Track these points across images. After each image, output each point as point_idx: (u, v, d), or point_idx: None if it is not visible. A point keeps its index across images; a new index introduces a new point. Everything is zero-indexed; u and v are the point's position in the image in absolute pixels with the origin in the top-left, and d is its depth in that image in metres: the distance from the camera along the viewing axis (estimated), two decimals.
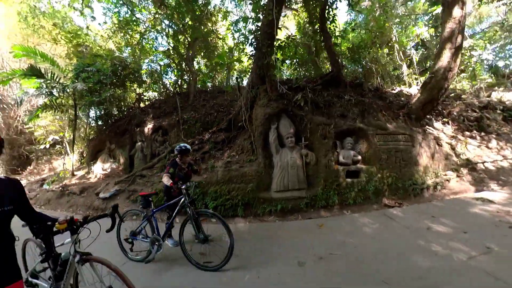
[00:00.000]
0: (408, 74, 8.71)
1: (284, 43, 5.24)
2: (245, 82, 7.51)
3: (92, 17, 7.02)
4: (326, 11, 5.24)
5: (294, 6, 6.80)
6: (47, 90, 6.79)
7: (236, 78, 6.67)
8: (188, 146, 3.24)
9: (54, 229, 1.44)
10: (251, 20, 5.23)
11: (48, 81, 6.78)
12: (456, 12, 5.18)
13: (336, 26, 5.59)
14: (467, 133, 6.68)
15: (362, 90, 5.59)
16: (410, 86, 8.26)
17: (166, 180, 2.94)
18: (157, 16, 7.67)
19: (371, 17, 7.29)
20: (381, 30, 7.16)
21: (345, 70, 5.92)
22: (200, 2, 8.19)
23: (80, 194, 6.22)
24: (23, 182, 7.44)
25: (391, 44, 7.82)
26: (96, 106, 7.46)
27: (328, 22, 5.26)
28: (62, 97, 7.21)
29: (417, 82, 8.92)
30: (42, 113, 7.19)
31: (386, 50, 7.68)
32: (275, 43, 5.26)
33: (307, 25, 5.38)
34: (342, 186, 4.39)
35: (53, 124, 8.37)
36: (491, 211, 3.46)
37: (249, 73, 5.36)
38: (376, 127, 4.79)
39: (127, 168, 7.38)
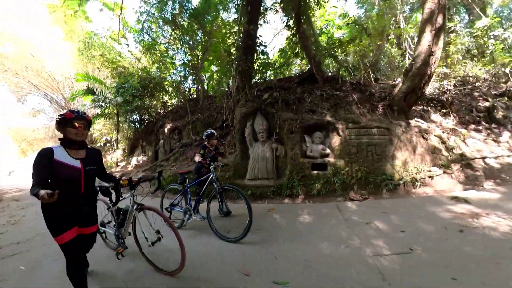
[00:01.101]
0: None
1: (261, 51, 5.60)
2: None
3: (126, 44, 8.87)
4: (301, 14, 5.31)
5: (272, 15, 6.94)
6: (98, 103, 8.92)
7: (222, 84, 7.30)
8: (213, 131, 3.57)
9: (122, 182, 1.99)
10: (234, 32, 5.78)
11: (99, 97, 8.90)
12: None
13: (311, 26, 5.57)
14: (473, 125, 5.85)
15: (338, 84, 5.39)
16: None
17: (197, 159, 3.24)
18: (173, 36, 8.98)
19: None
20: (380, 21, 6.60)
21: (330, 66, 5.76)
22: (208, 18, 9.15)
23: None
24: None
25: (395, 34, 7.08)
26: (130, 113, 9.28)
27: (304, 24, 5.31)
28: (108, 108, 9.28)
29: None
30: (96, 120, 9.42)
31: (389, 44, 6.98)
32: (256, 49, 5.70)
33: (285, 28, 5.55)
34: (307, 178, 4.47)
35: (105, 127, 10.78)
36: (456, 212, 3.05)
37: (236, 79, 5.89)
38: (348, 121, 4.65)
39: (153, 160, 8.99)
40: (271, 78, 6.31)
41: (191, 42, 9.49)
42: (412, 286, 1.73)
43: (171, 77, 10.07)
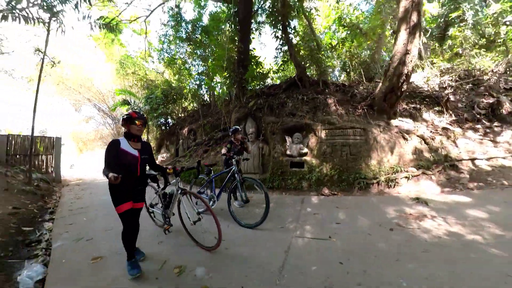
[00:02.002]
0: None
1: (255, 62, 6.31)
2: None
3: (152, 61, 10.50)
4: (288, 26, 5.77)
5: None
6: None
7: (224, 93, 8.17)
8: (238, 127, 3.85)
9: (168, 171, 2.28)
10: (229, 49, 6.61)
11: (132, 106, 10.76)
12: None
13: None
14: (471, 124, 5.59)
15: (319, 87, 5.71)
16: (423, 69, 7.08)
17: (223, 151, 3.48)
18: (188, 51, 10.24)
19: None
20: (373, 20, 6.58)
21: (317, 70, 6.05)
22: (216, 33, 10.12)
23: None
24: None
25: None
26: (156, 118, 10.96)
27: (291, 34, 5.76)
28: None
29: (426, 64, 7.47)
30: None
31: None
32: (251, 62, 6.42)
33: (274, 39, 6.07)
34: (286, 174, 5.04)
35: None
36: (406, 212, 3.10)
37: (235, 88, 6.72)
38: (324, 122, 5.05)
39: (174, 156, 10.51)
40: (265, 84, 6.92)
41: (204, 54, 10.67)
42: (302, 260, 2.02)
43: (189, 86, 11.44)
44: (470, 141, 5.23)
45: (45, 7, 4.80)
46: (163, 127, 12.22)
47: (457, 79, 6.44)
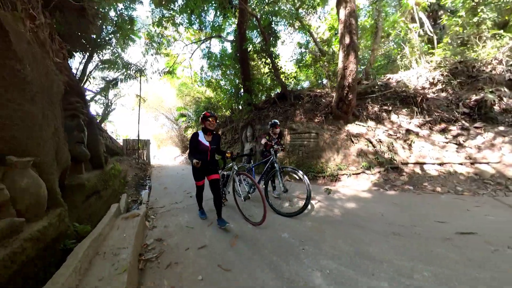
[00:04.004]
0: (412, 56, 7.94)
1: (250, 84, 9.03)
2: None
3: (198, 85, 14.72)
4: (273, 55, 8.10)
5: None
6: (187, 121, 15.45)
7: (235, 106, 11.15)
8: (277, 121, 3.92)
9: (226, 155, 2.76)
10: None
11: (187, 117, 15.42)
12: (341, 14, 5.56)
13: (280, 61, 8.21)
14: (443, 125, 5.34)
15: (292, 101, 7.76)
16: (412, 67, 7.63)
17: (263, 141, 3.64)
18: (222, 72, 13.82)
19: None
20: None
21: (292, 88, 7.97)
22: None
23: None
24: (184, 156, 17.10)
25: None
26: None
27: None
28: (191, 122, 15.68)
29: (415, 60, 7.78)
30: (187, 130, 16.21)
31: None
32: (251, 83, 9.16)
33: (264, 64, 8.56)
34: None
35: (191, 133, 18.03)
36: (303, 197, 3.39)
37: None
38: (290, 129, 7.26)
39: None
40: (263, 98, 9.53)
41: (233, 73, 13.98)
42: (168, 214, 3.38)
43: (224, 98, 15.13)
44: (428, 145, 5.09)
45: (138, 70, 9.13)
46: None
47: (447, 73, 6.15)
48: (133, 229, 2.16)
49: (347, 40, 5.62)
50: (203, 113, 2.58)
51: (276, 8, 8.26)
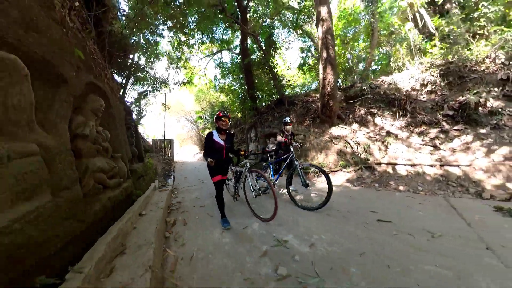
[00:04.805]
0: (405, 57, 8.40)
1: (253, 92, 10.45)
2: None
3: (212, 91, 16.60)
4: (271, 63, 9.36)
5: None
6: (204, 122, 17.47)
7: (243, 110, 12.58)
8: (288, 119, 4.00)
9: (240, 153, 2.87)
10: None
11: (204, 120, 17.43)
12: (319, 31, 6.41)
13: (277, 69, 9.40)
14: (424, 127, 5.53)
15: (286, 106, 8.92)
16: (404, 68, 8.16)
17: (279, 138, 3.79)
18: (234, 78, 15.44)
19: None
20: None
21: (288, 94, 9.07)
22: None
23: None
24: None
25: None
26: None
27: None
28: (208, 124, 17.65)
29: (408, 61, 8.21)
30: (203, 131, 18.28)
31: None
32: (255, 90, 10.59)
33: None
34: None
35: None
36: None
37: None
38: None
39: None
40: (264, 104, 10.90)
41: (240, 80, 15.52)
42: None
43: (235, 102, 16.72)
44: (404, 147, 5.34)
45: (163, 82, 11.12)
46: None
47: (437, 74, 6.27)
48: (165, 195, 3.81)
49: (324, 54, 6.48)
50: (217, 113, 2.72)
51: (276, 22, 9.47)
